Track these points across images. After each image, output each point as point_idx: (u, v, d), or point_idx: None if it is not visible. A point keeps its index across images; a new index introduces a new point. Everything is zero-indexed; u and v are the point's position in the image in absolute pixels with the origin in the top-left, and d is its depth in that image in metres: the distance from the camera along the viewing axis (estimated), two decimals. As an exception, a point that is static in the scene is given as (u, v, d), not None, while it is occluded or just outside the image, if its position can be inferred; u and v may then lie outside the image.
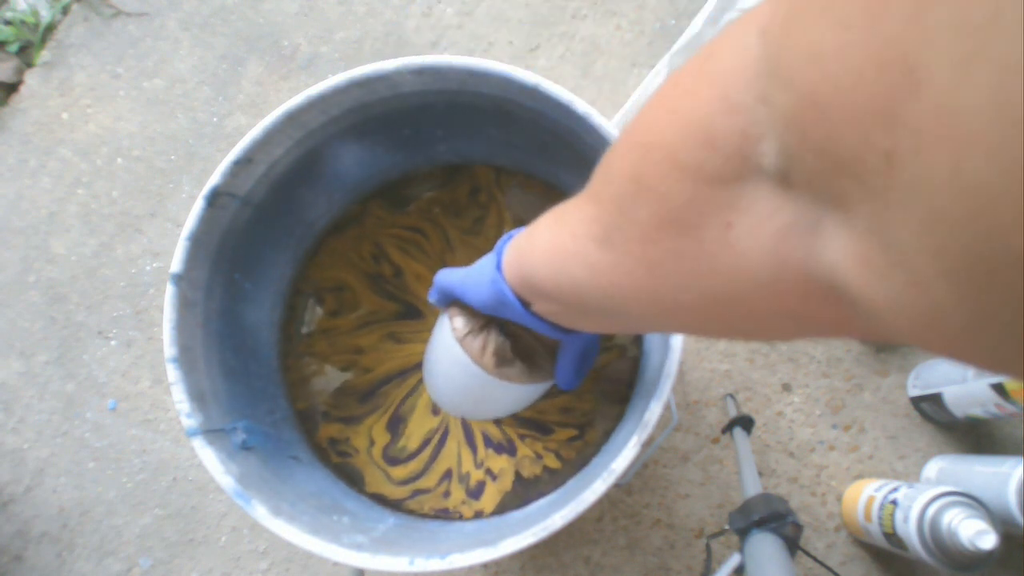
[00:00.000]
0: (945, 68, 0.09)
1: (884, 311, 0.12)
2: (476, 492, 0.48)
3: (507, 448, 0.48)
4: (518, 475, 0.48)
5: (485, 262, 0.32)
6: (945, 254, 0.09)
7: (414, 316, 0.51)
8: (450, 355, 0.39)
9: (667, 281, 0.18)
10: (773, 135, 0.13)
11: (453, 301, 0.38)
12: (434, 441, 0.49)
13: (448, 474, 0.48)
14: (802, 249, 0.13)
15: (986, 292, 0.09)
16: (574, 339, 0.35)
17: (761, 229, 0.14)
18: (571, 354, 0.36)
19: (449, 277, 0.36)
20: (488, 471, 0.48)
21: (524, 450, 0.48)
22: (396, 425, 0.50)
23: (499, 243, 0.31)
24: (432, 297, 0.39)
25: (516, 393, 0.40)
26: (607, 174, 0.20)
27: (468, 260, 0.46)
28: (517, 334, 0.38)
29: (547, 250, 0.25)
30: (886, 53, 0.09)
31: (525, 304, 0.30)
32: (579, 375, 0.38)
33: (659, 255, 0.17)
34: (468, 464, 0.49)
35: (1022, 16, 0.08)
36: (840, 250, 0.12)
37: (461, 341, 0.38)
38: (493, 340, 0.37)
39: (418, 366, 0.50)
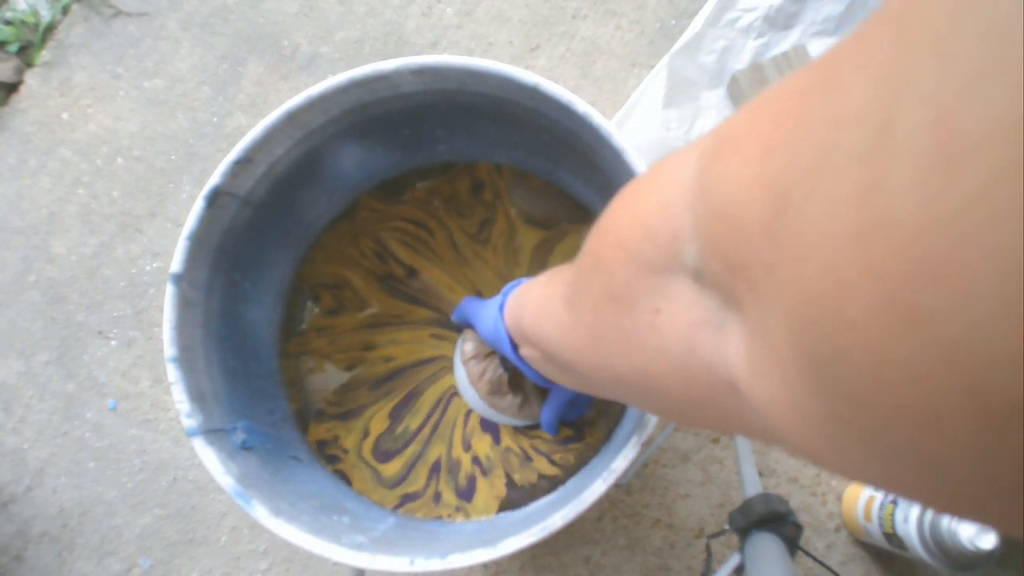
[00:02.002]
0: (798, 197, 0.10)
1: (764, 408, 0.13)
2: (468, 492, 0.47)
3: (491, 429, 0.49)
4: (511, 481, 0.47)
5: (494, 302, 0.37)
6: (799, 354, 0.11)
7: (453, 326, 0.51)
8: (458, 372, 0.47)
9: (607, 349, 0.20)
10: (693, 239, 0.15)
11: (469, 325, 0.45)
12: (435, 416, 0.49)
13: (437, 467, 0.48)
14: (709, 343, 0.15)
15: (827, 390, 0.10)
16: (559, 389, 0.41)
17: (680, 318, 0.16)
18: (555, 402, 0.43)
19: (470, 305, 0.43)
20: (475, 459, 0.48)
21: (507, 440, 0.48)
22: (404, 406, 0.49)
23: (507, 287, 0.36)
24: (454, 316, 0.47)
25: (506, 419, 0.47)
26: (584, 248, 0.23)
27: (480, 273, 0.52)
28: (518, 372, 0.44)
29: (535, 302, 0.29)
30: (770, 183, 0.11)
31: (516, 346, 0.34)
32: (558, 422, 0.44)
33: (602, 325, 0.20)
34: (458, 444, 0.48)
35: (849, 154, 0.09)
36: (735, 350, 0.14)
37: (465, 363, 0.46)
38: (492, 370, 0.46)
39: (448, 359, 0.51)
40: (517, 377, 0.46)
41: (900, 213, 0.08)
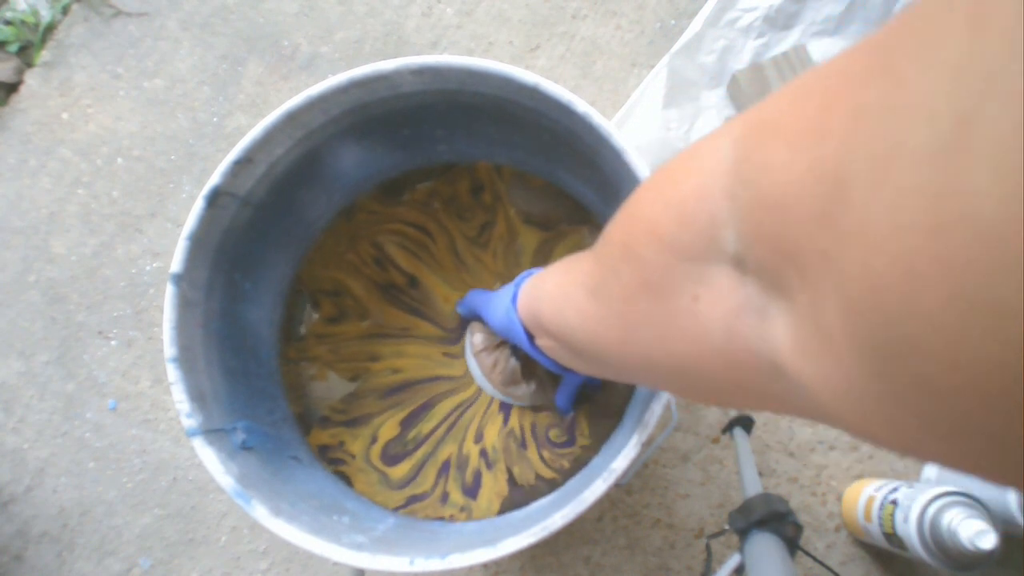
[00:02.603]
0: (862, 187, 0.10)
1: (814, 390, 0.13)
2: (473, 489, 0.47)
3: (505, 408, 0.49)
4: (512, 477, 0.47)
5: (504, 292, 0.37)
6: (859, 338, 0.11)
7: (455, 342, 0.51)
8: (470, 362, 0.48)
9: (640, 338, 0.20)
10: (733, 225, 0.15)
11: (476, 318, 0.45)
12: (452, 418, 0.49)
13: (446, 466, 0.48)
14: (751, 329, 0.15)
15: (890, 373, 0.11)
16: (573, 375, 0.41)
17: (720, 305, 0.16)
18: (569, 387, 0.44)
19: (477, 297, 0.43)
20: (483, 452, 0.48)
21: (513, 420, 0.48)
22: (417, 415, 0.49)
23: (519, 278, 0.36)
24: (460, 308, 0.47)
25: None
26: (606, 237, 0.23)
27: (480, 278, 0.52)
28: (531, 359, 0.44)
29: (552, 292, 0.28)
30: (821, 169, 0.11)
31: (532, 337, 0.34)
32: (575, 403, 0.45)
33: (635, 314, 0.20)
34: (470, 438, 0.48)
35: (921, 148, 0.09)
36: (781, 335, 0.14)
37: (476, 355, 0.46)
38: (503, 360, 0.46)
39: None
40: (530, 365, 0.46)
41: (980, 209, 0.08)
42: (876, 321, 0.10)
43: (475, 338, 0.46)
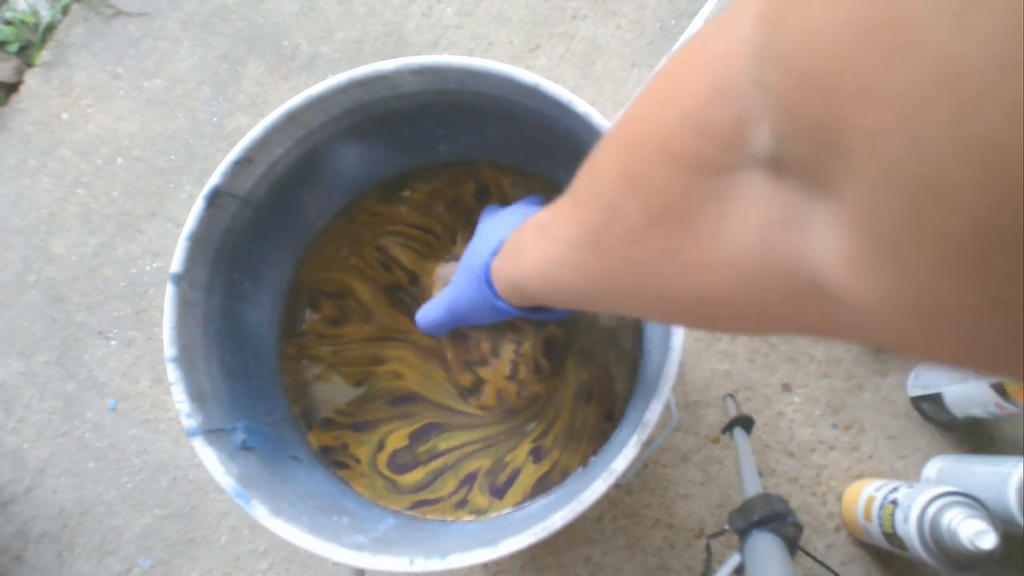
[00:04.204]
0: (943, 21, 0.08)
1: (871, 310, 0.11)
2: (503, 489, 0.45)
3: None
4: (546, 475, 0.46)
5: (474, 289, 0.33)
6: (944, 236, 0.09)
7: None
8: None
9: (657, 279, 0.18)
10: (767, 119, 0.13)
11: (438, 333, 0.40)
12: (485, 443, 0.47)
13: (472, 476, 0.46)
14: (790, 243, 0.13)
15: (991, 276, 0.09)
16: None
17: (751, 221, 0.14)
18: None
19: (436, 311, 0.37)
20: (535, 451, 0.46)
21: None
22: (427, 432, 0.47)
23: (480, 266, 0.32)
24: (434, 332, 0.40)
25: None
26: (593, 176, 0.20)
27: None
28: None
29: (537, 263, 0.25)
30: (873, 18, 0.09)
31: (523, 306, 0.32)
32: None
33: (649, 253, 0.17)
34: (523, 450, 0.46)
35: None
36: (826, 246, 0.12)
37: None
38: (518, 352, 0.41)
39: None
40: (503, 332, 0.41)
41: None
42: (978, 207, 0.08)
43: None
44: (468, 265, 0.34)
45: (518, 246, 0.28)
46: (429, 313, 0.39)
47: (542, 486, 0.45)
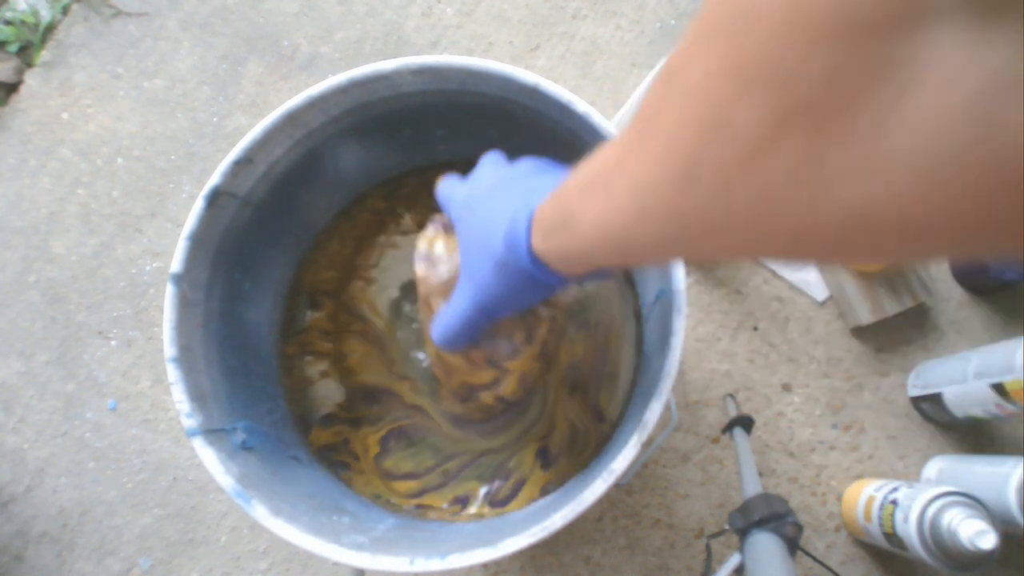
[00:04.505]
0: None
1: None
2: (506, 500, 0.45)
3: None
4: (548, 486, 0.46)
5: (510, 276, 0.28)
6: None
7: None
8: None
9: (790, 204, 0.13)
10: None
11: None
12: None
13: (466, 497, 0.46)
14: (1010, 114, 0.09)
15: None
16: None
17: (953, 87, 0.10)
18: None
19: (460, 316, 0.31)
20: (541, 450, 0.46)
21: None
22: (423, 440, 0.47)
23: (515, 249, 0.26)
24: (463, 341, 0.33)
25: None
26: (671, 91, 0.15)
27: None
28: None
29: (600, 225, 0.20)
30: None
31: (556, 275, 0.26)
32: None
33: (777, 171, 0.13)
34: (529, 460, 0.46)
35: None
36: None
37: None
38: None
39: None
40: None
41: None
42: None
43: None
44: (486, 254, 0.28)
45: (562, 217, 0.23)
46: (451, 323, 0.32)
47: (544, 493, 0.46)
